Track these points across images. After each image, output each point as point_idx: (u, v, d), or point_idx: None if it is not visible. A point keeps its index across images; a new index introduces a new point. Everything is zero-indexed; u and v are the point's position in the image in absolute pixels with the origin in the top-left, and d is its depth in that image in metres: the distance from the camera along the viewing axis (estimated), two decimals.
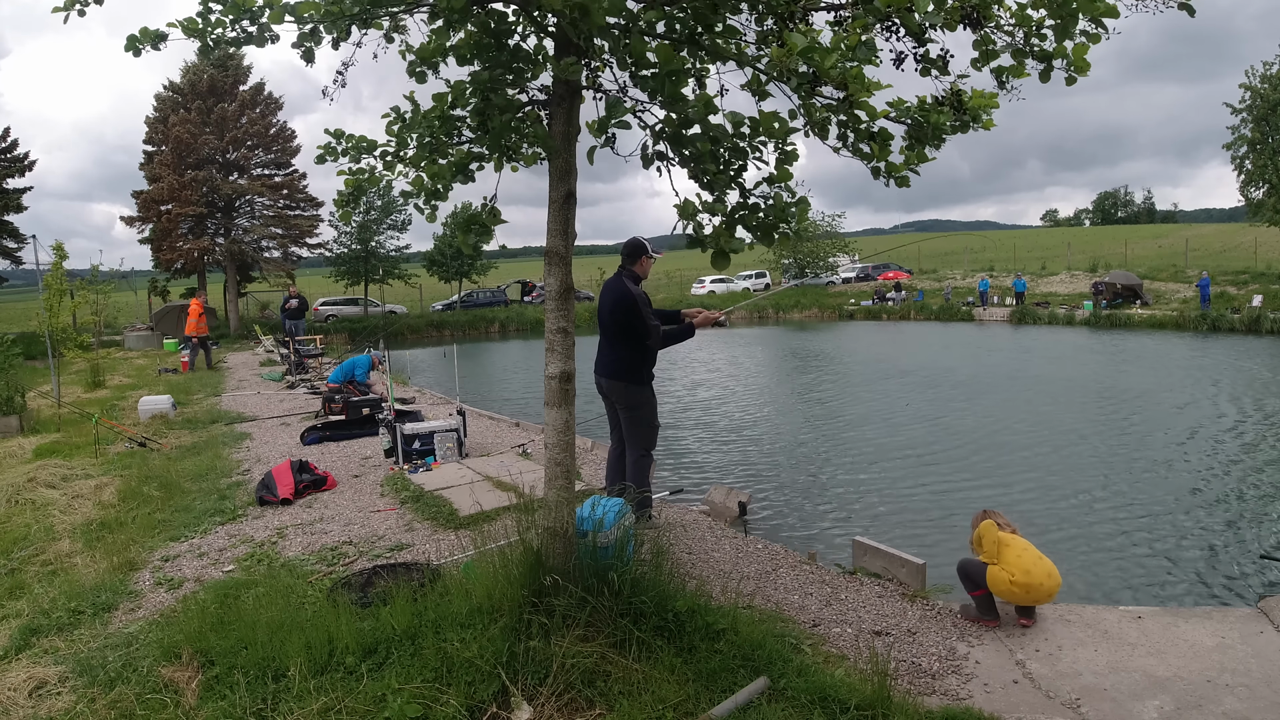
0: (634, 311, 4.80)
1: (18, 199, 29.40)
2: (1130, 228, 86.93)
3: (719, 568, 4.50)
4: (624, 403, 4.98)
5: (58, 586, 4.29)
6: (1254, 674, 3.28)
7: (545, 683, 2.84)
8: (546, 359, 3.34)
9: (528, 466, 6.82)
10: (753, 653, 3.14)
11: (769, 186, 3.01)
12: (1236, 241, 43.51)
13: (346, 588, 3.89)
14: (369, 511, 5.65)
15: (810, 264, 42.42)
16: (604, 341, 5.03)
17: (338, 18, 2.96)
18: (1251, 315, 23.11)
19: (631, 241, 5.01)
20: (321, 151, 3.62)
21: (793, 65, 2.57)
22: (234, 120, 32.02)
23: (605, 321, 4.97)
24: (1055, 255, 45.60)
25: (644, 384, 4.98)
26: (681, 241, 3.08)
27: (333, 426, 8.66)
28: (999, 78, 3.00)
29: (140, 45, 3.05)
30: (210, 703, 2.92)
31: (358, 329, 29.11)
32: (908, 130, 3.10)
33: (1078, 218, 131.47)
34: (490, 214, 3.59)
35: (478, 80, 3.19)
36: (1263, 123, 27.49)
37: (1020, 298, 30.96)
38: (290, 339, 17.87)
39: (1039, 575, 3.69)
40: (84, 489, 6.33)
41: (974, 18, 2.76)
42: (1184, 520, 6.24)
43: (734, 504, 6.17)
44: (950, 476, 7.73)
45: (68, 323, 15.01)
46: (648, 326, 4.83)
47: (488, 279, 41.97)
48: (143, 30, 3.05)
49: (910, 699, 3.03)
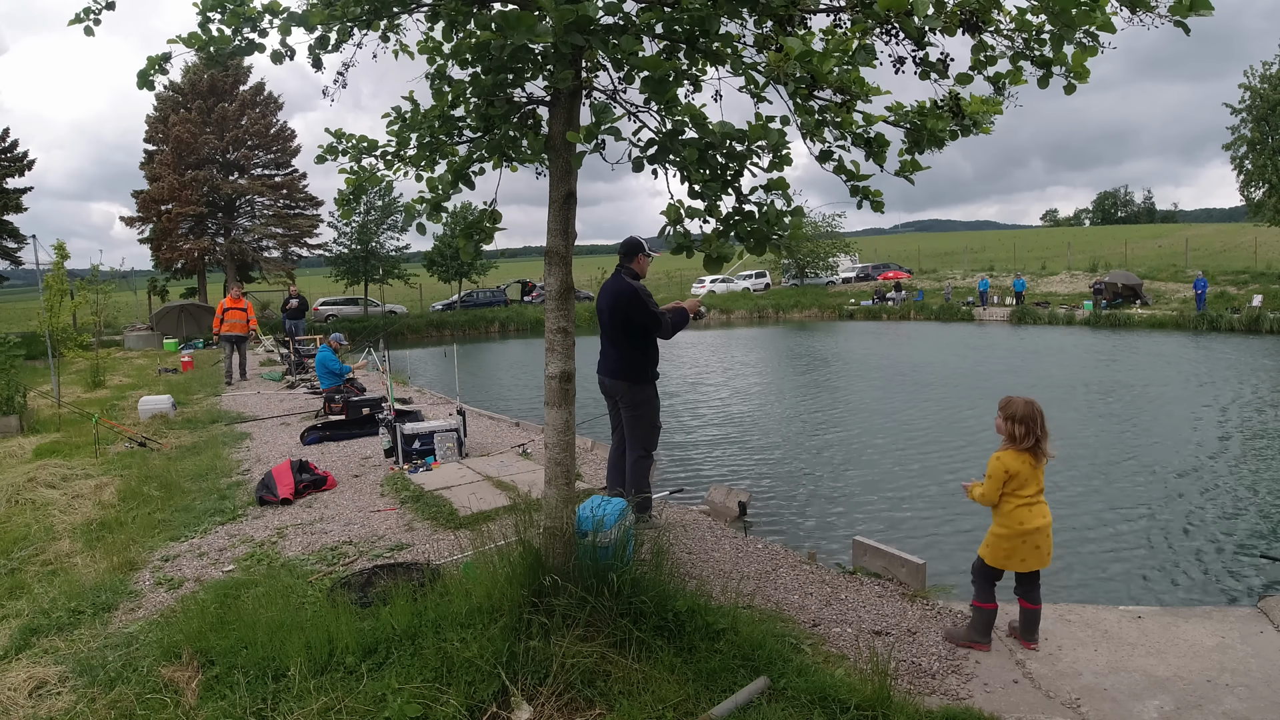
0: (637, 303, 4.78)
1: (17, 199, 29.43)
2: (1130, 228, 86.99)
3: (719, 568, 4.50)
4: (628, 401, 4.96)
5: (58, 586, 4.29)
6: (1254, 674, 3.28)
7: (545, 682, 2.84)
8: (546, 359, 3.34)
9: (528, 466, 6.83)
10: (753, 653, 3.14)
11: (765, 193, 2.99)
12: (1236, 241, 43.53)
13: (346, 588, 3.90)
14: (369, 511, 5.65)
15: (810, 264, 42.44)
16: (606, 341, 5.02)
17: (341, 20, 2.98)
18: (1251, 315, 23.11)
19: (628, 240, 5.03)
20: (322, 151, 3.63)
21: (790, 69, 2.57)
22: (234, 120, 32.05)
23: (606, 320, 4.96)
24: (1055, 255, 45.63)
25: (648, 382, 4.96)
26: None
27: (333, 426, 8.66)
28: (996, 84, 2.99)
29: (151, 76, 3.10)
30: (210, 703, 2.92)
31: (358, 329, 29.13)
32: (906, 134, 3.09)
33: (1078, 218, 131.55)
34: (491, 217, 3.60)
35: (479, 85, 3.20)
36: (1262, 123, 27.50)
37: (1020, 297, 30.98)
38: (290, 339, 17.87)
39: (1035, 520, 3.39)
40: (84, 489, 6.33)
41: (973, 22, 2.75)
42: (1184, 520, 6.24)
43: (734, 504, 6.17)
44: (950, 476, 7.73)
45: (68, 323, 15.01)
46: (654, 315, 4.80)
47: (488, 279, 42.00)
48: (150, 60, 3.09)
49: (910, 699, 3.03)
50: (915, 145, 3.05)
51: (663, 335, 4.90)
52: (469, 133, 3.50)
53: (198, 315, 27.65)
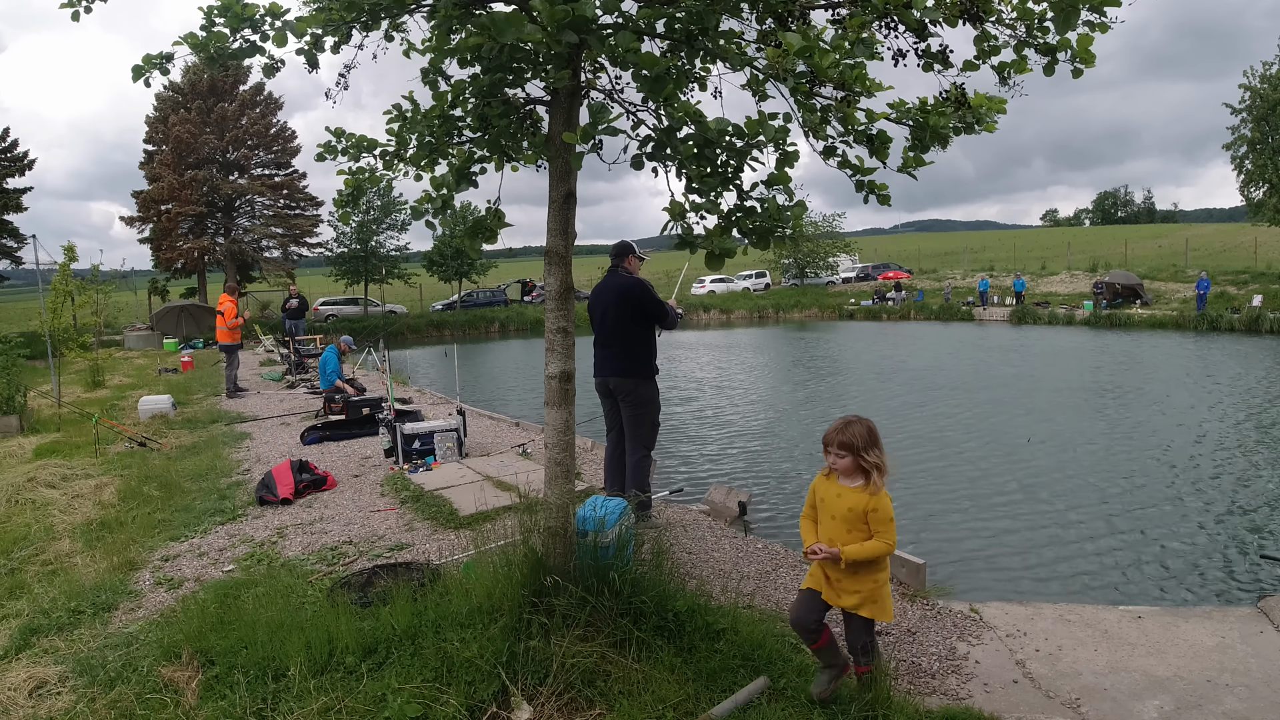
0: (648, 294, 4.89)
1: (18, 199, 29.43)
2: (1130, 227, 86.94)
3: (719, 568, 4.50)
4: (635, 399, 4.98)
5: (58, 586, 4.29)
6: (1254, 674, 3.28)
7: (545, 682, 2.84)
8: (546, 359, 3.34)
9: (528, 466, 6.83)
10: (753, 652, 3.14)
11: (766, 189, 2.99)
12: (1236, 241, 43.52)
13: (346, 588, 3.90)
14: (369, 511, 5.65)
15: (810, 263, 42.44)
16: (607, 340, 5.03)
17: (338, 24, 2.97)
18: (1251, 315, 23.12)
19: (621, 243, 5.14)
20: (321, 150, 3.63)
21: (790, 65, 2.56)
22: (234, 120, 32.06)
23: (612, 316, 4.96)
24: (1055, 255, 45.63)
25: (653, 377, 5.03)
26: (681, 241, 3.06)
27: (333, 426, 8.66)
28: (1001, 74, 2.95)
29: (146, 72, 3.03)
30: (210, 703, 2.92)
31: (358, 329, 29.13)
32: (911, 132, 3.08)
33: (1078, 217, 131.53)
34: (495, 216, 3.60)
35: (479, 85, 3.19)
36: (1262, 123, 27.50)
37: (1020, 297, 30.99)
38: (290, 339, 17.87)
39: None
40: (84, 489, 6.33)
41: (974, 12, 2.73)
42: (1184, 520, 6.24)
43: (734, 504, 6.17)
44: (950, 476, 7.73)
45: (69, 323, 15.01)
46: (662, 304, 4.91)
47: (488, 279, 42.00)
48: (146, 58, 3.02)
49: (910, 699, 3.03)
50: (919, 143, 3.03)
51: (669, 325, 5.01)
52: (468, 132, 3.50)
53: (198, 315, 27.68)
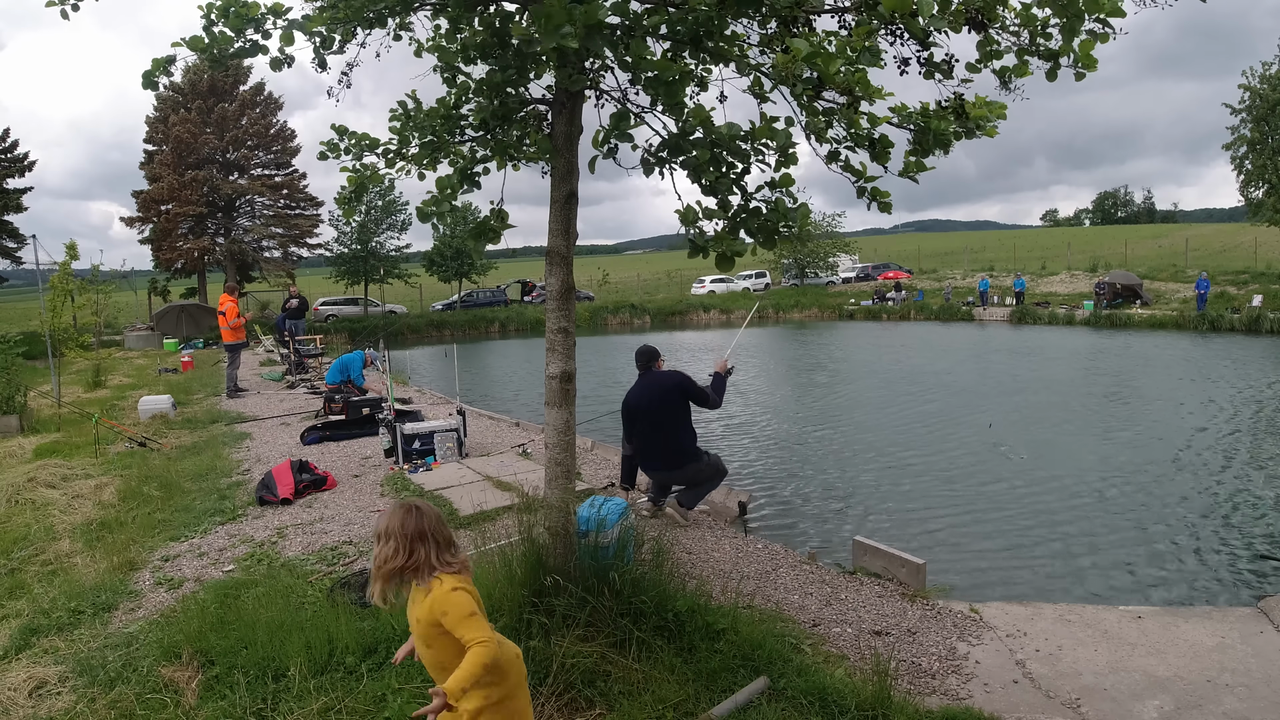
0: (692, 388, 5.27)
1: (18, 199, 29.43)
2: (1130, 227, 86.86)
3: (719, 568, 4.50)
4: (696, 479, 5.43)
5: (58, 586, 4.29)
6: (1254, 674, 3.28)
7: (545, 682, 2.84)
8: (547, 359, 3.34)
9: (528, 466, 6.83)
10: (753, 653, 3.14)
11: (770, 191, 3.01)
12: (1236, 241, 43.50)
13: (346, 588, 3.90)
14: (369, 511, 5.65)
15: (810, 264, 42.42)
16: (649, 435, 5.36)
17: (347, 22, 2.98)
18: (1251, 315, 23.11)
19: (645, 348, 5.45)
20: (324, 148, 3.63)
21: (797, 70, 2.56)
22: (234, 120, 32.04)
23: (657, 411, 5.28)
24: (1055, 255, 45.61)
25: (701, 454, 5.43)
26: (681, 241, 3.08)
27: (333, 426, 8.66)
28: (1002, 78, 2.97)
29: (156, 78, 3.12)
30: (210, 703, 2.93)
31: (358, 329, 29.11)
32: (912, 136, 3.08)
33: (1078, 217, 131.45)
34: (498, 217, 3.60)
35: (488, 83, 3.20)
36: (1262, 123, 27.48)
37: (1020, 297, 30.96)
38: (290, 339, 17.87)
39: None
40: (84, 489, 6.33)
41: (978, 20, 2.74)
42: (1184, 520, 6.24)
43: (734, 504, 6.17)
44: (950, 475, 7.72)
45: (69, 323, 15.01)
46: (706, 395, 5.28)
47: (488, 279, 41.98)
48: (155, 62, 3.10)
49: (910, 699, 3.03)
50: (921, 148, 3.04)
51: (714, 407, 5.41)
52: (471, 132, 3.50)
53: (198, 315, 27.66)
